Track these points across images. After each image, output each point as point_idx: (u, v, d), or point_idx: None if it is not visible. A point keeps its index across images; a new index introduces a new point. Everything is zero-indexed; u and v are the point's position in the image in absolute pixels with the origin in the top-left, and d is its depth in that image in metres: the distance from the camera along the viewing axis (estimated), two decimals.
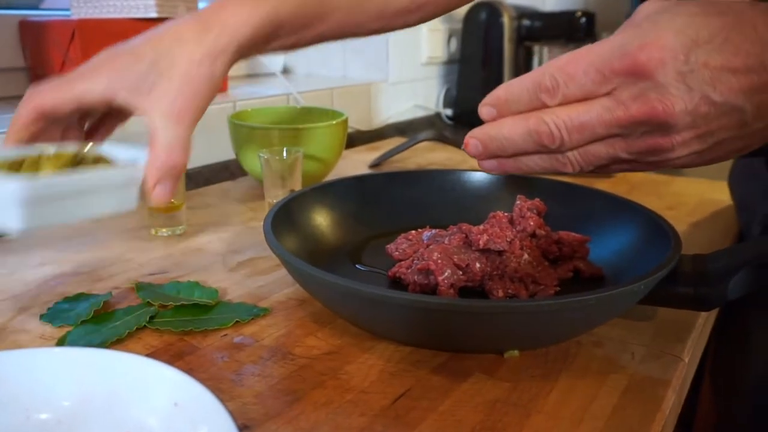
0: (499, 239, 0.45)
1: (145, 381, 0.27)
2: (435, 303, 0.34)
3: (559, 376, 0.36)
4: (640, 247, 0.48)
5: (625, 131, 0.29)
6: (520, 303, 0.34)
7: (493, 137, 0.32)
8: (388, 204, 0.59)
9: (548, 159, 0.32)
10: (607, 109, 0.29)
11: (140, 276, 0.50)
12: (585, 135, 0.30)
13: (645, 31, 0.28)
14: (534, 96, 0.30)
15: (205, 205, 0.70)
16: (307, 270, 0.38)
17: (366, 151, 1.00)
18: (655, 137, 0.29)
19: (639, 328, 0.42)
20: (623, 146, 0.30)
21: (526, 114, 0.31)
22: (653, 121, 0.28)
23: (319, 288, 0.40)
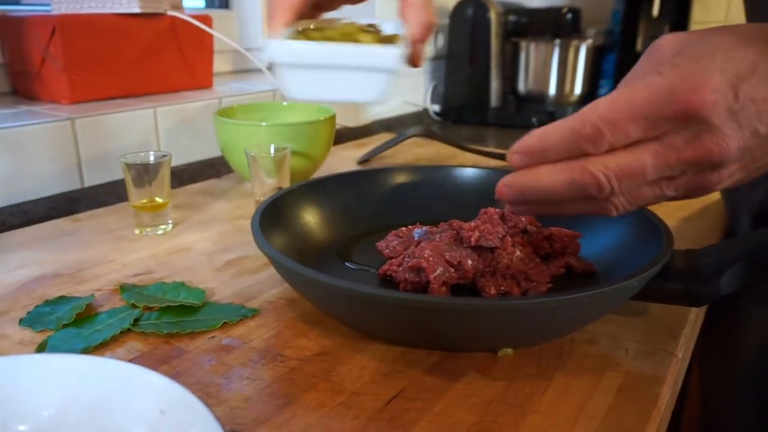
0: (491, 236, 0.44)
1: (129, 388, 0.26)
2: (429, 302, 0.33)
3: (554, 374, 0.35)
4: (631, 243, 0.48)
5: (676, 173, 0.29)
6: (515, 301, 0.33)
7: (530, 188, 0.30)
8: (378, 201, 0.58)
9: (591, 205, 0.30)
10: (658, 154, 0.28)
11: (124, 277, 0.49)
12: (636, 181, 0.28)
13: (689, 72, 0.27)
14: (574, 145, 0.28)
15: (191, 203, 0.69)
16: (296, 269, 0.37)
17: (354, 148, 0.99)
18: (704, 175, 0.29)
19: (631, 324, 0.42)
20: (671, 186, 0.29)
21: (569, 164, 0.29)
22: (706, 163, 0.28)
23: (309, 288, 0.39)
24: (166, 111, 0.82)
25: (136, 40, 0.85)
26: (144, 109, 0.79)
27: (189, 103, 0.85)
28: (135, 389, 0.26)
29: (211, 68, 0.97)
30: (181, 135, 0.84)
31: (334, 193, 0.56)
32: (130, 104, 0.80)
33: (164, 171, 0.59)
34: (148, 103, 0.81)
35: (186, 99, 0.86)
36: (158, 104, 0.81)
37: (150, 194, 0.58)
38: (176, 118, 0.83)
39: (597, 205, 0.30)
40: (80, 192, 0.73)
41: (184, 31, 0.91)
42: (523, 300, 0.33)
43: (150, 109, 0.80)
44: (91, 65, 0.80)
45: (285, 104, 0.83)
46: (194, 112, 0.85)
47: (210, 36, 0.95)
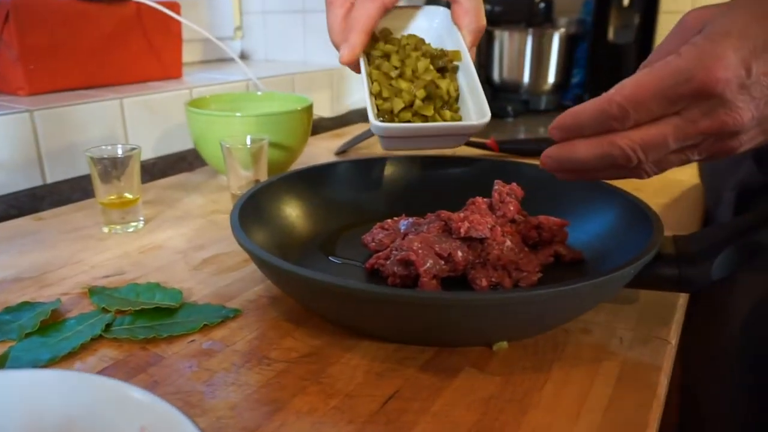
0: (480, 226, 0.43)
1: (105, 405, 0.23)
2: (424, 298, 0.32)
3: (551, 366, 0.34)
4: (618, 230, 0.47)
5: (697, 141, 0.31)
6: (515, 294, 0.32)
7: (567, 159, 0.34)
8: (360, 192, 0.56)
9: (622, 172, 0.34)
10: (678, 127, 0.31)
11: (93, 279, 0.46)
12: (660, 152, 0.31)
13: (704, 52, 0.29)
14: (603, 122, 0.31)
15: (163, 198, 0.66)
16: (279, 265, 0.35)
17: (330, 138, 0.97)
18: (724, 142, 0.31)
19: (623, 312, 0.41)
20: (694, 152, 0.32)
21: (599, 138, 0.32)
22: (723, 132, 0.30)
23: (294, 285, 0.37)
24: (134, 102, 0.78)
25: (99, 26, 0.81)
26: (109, 100, 0.75)
27: (157, 93, 0.81)
28: (111, 406, 0.23)
29: (179, 57, 0.94)
30: (150, 127, 0.81)
31: (315, 185, 0.54)
32: (94, 95, 0.76)
33: (133, 165, 0.55)
34: (113, 93, 0.77)
35: (154, 89, 0.82)
36: (124, 95, 0.77)
37: (119, 190, 0.55)
38: (144, 109, 0.79)
39: (628, 172, 0.34)
40: (43, 189, 0.69)
41: (150, 18, 0.87)
42: (523, 292, 0.32)
43: (116, 100, 0.76)
44: (50, 54, 0.76)
45: (259, 94, 0.80)
46: (163, 103, 0.82)
47: (178, 23, 0.91)
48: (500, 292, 0.32)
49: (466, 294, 0.33)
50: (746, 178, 0.58)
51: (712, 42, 0.29)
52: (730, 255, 0.37)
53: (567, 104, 1.34)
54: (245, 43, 1.31)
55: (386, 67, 0.52)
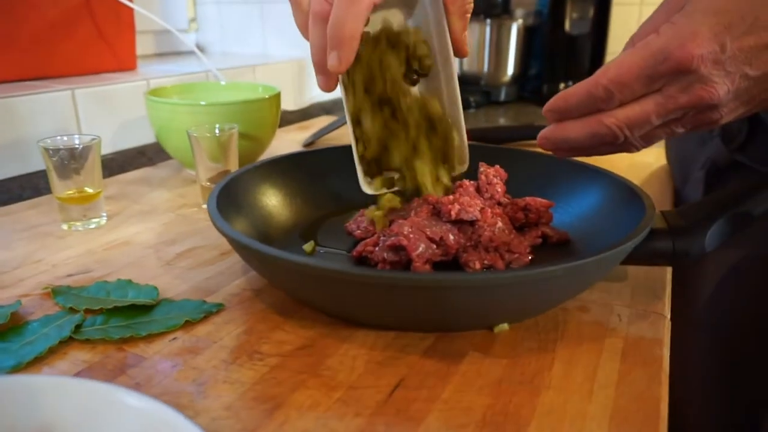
0: (471, 208, 0.42)
1: (89, 412, 0.21)
2: (430, 280, 0.30)
3: (555, 346, 0.33)
4: (603, 210, 0.47)
5: (679, 115, 0.32)
6: (523, 272, 0.31)
7: (561, 139, 0.35)
8: (339, 180, 0.54)
9: (614, 147, 0.35)
10: (659, 104, 0.32)
11: (55, 279, 0.42)
12: (644, 127, 0.33)
13: (681, 30, 0.30)
14: (590, 104, 0.33)
15: (125, 193, 0.62)
16: (270, 253, 0.33)
17: (297, 131, 0.94)
18: (705, 114, 0.32)
19: (616, 289, 0.41)
20: (678, 125, 0.33)
21: (588, 119, 0.34)
22: (701, 105, 0.32)
23: (285, 273, 0.35)
24: (86, 93, 0.73)
25: (43, 14, 0.75)
26: (60, 91, 0.70)
27: (112, 84, 0.76)
28: (97, 412, 0.21)
29: (133, 47, 0.89)
30: (106, 120, 0.76)
31: (291, 173, 0.52)
32: (42, 86, 0.71)
33: (94, 157, 0.51)
34: (64, 84, 0.72)
35: (109, 80, 0.77)
36: (76, 86, 0.72)
37: (78, 184, 0.51)
38: (99, 101, 0.75)
39: (618, 147, 0.35)
40: None
41: (100, 6, 0.82)
42: (532, 270, 0.30)
43: (67, 91, 0.71)
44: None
45: (223, 84, 0.77)
46: (119, 94, 0.77)
47: (129, 11, 0.86)
48: (508, 272, 0.31)
49: (472, 275, 0.31)
50: (714, 157, 0.59)
51: (689, 19, 0.30)
52: (721, 226, 0.38)
53: (526, 96, 1.36)
54: (200, 35, 1.26)
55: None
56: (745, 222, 0.38)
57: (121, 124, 0.78)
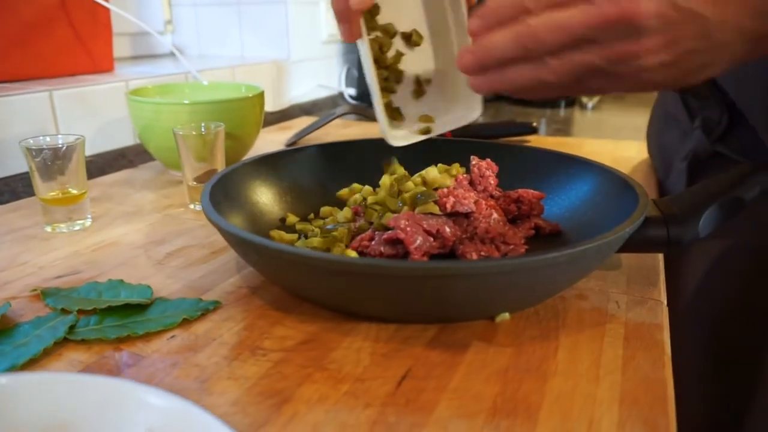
0: (466, 200, 0.42)
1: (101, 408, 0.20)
2: (434, 268, 0.30)
3: (558, 333, 0.34)
4: (593, 201, 0.48)
5: (599, 35, 0.31)
6: (526, 259, 0.31)
7: (486, 48, 0.34)
8: (326, 176, 0.54)
9: (532, 69, 0.33)
10: (582, 10, 0.31)
11: (43, 281, 0.41)
12: (563, 35, 0.31)
13: None
14: (518, 7, 0.32)
15: (110, 195, 0.60)
16: (271, 246, 0.32)
17: (278, 131, 0.94)
18: (625, 42, 0.31)
19: (612, 277, 0.41)
20: (598, 51, 0.32)
21: (513, 23, 0.33)
22: (623, 19, 0.30)
23: (285, 267, 0.34)
24: (65, 95, 0.71)
25: (17, 15, 0.73)
26: (37, 92, 0.68)
27: (91, 86, 0.74)
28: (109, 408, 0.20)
29: (110, 49, 0.87)
30: (85, 122, 0.74)
31: (281, 170, 0.51)
32: (19, 88, 0.69)
33: (78, 157, 0.50)
34: (41, 86, 0.70)
35: (87, 82, 0.75)
36: (54, 87, 0.70)
37: (62, 185, 0.50)
38: (77, 103, 0.73)
39: (537, 69, 0.33)
40: None
41: (75, 6, 0.80)
42: (537, 257, 0.30)
43: (44, 93, 0.69)
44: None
45: (205, 84, 0.76)
46: (98, 95, 0.75)
47: (106, 12, 0.85)
48: (515, 259, 0.31)
49: (474, 262, 0.31)
50: (696, 149, 0.60)
51: None
52: (714, 212, 0.38)
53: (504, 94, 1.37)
54: (176, 37, 1.24)
55: None
56: (738, 207, 0.39)
57: (101, 126, 0.76)
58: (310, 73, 1.23)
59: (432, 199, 0.41)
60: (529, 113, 1.18)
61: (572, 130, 1.05)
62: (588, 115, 1.19)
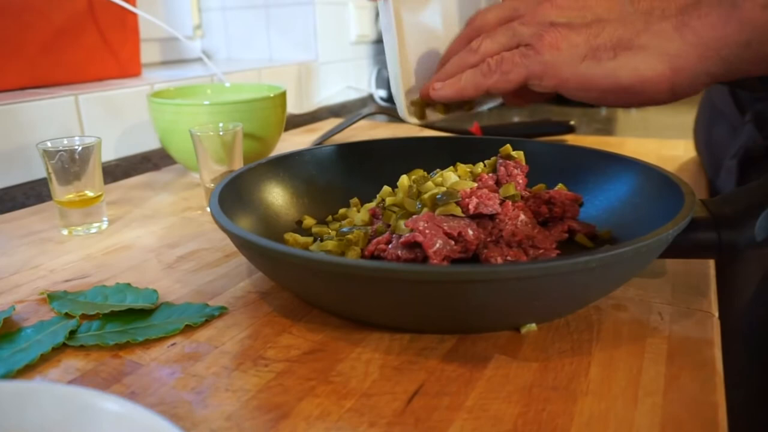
0: (490, 201, 0.39)
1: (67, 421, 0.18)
2: (452, 272, 0.27)
3: (591, 348, 0.30)
4: (635, 202, 0.44)
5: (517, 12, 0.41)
6: (554, 263, 0.27)
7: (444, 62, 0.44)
8: (347, 177, 0.52)
9: (476, 71, 0.41)
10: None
11: (52, 284, 0.40)
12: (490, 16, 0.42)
13: None
14: None
15: (129, 198, 0.60)
16: (277, 249, 0.30)
17: (304, 134, 0.92)
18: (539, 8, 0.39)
19: (655, 285, 0.37)
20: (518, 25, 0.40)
21: None
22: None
23: (294, 272, 0.32)
24: (90, 99, 0.71)
25: (48, 21, 0.74)
26: (63, 97, 0.69)
27: (116, 90, 0.75)
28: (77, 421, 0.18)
29: (137, 53, 0.87)
30: (110, 127, 0.74)
31: (300, 169, 0.50)
32: (45, 93, 0.69)
33: (94, 159, 0.49)
34: (67, 91, 0.71)
35: (112, 86, 0.76)
36: (80, 91, 0.71)
37: (78, 188, 0.49)
38: (102, 107, 0.73)
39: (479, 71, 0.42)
40: None
41: (104, 12, 0.80)
42: (567, 260, 0.27)
43: (70, 97, 0.69)
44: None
45: (228, 85, 0.75)
46: (123, 100, 0.75)
47: (134, 17, 0.85)
48: (542, 262, 0.28)
49: (497, 266, 0.28)
50: (748, 145, 0.56)
51: None
52: None
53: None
54: (206, 42, 1.25)
55: None
56: None
57: (126, 130, 0.76)
58: (338, 74, 1.22)
59: (454, 200, 0.39)
60: (567, 113, 1.13)
61: (614, 129, 1.00)
62: (632, 114, 1.13)
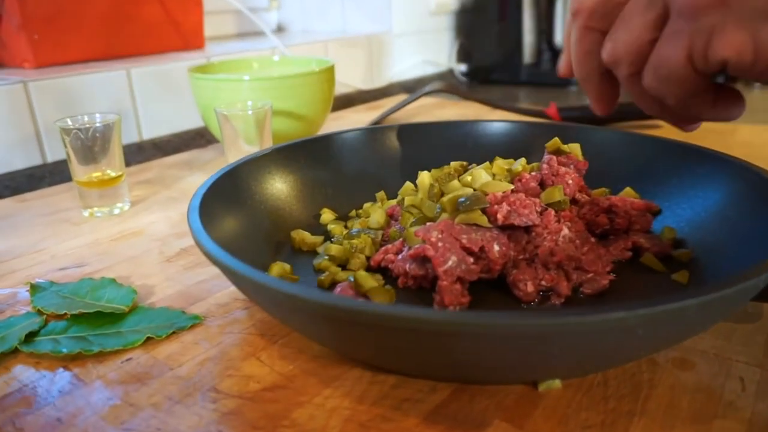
0: (526, 209, 0.31)
1: None
2: (431, 321, 0.20)
3: (630, 425, 0.22)
4: (729, 214, 0.34)
5: None
6: (569, 319, 0.19)
7: None
8: (381, 165, 0.46)
9: None
10: None
11: (48, 272, 0.38)
12: None
13: None
14: None
15: (163, 177, 0.58)
16: (243, 273, 0.24)
17: (365, 111, 0.86)
18: None
19: (740, 334, 0.28)
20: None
21: None
22: None
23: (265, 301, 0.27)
24: (143, 73, 0.70)
25: None
26: (115, 71, 0.68)
27: (169, 63, 0.73)
28: None
29: (201, 25, 0.85)
30: (164, 101, 0.73)
31: (325, 155, 0.44)
32: (99, 67, 0.69)
33: (115, 137, 0.47)
34: (126, 64, 0.70)
35: (167, 60, 0.74)
36: (132, 65, 0.70)
37: (98, 167, 0.47)
38: (155, 81, 0.72)
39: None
40: (43, 168, 0.63)
41: None
42: (586, 316, 0.19)
43: (122, 71, 0.68)
44: (56, 22, 0.69)
45: (276, 59, 0.70)
46: (176, 74, 0.74)
47: None
48: (551, 316, 0.20)
49: (493, 317, 0.20)
50: None
51: None
52: None
53: None
54: (282, 14, 1.21)
55: None
56: None
57: (180, 105, 0.75)
58: (414, 47, 1.14)
59: (479, 206, 0.31)
60: None
61: None
62: (754, 95, 0.95)
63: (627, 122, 0.71)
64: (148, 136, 0.72)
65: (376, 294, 0.29)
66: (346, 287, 0.30)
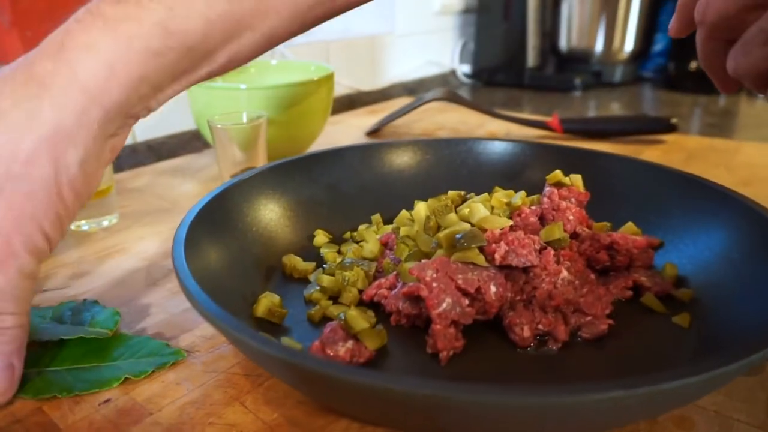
0: (524, 249, 0.30)
1: None
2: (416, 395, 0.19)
3: None
4: (730, 254, 0.33)
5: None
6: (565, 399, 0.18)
7: None
8: (380, 183, 0.44)
9: None
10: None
11: None
12: None
13: None
14: None
15: (153, 186, 0.56)
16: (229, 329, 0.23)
17: (365, 115, 0.85)
18: None
19: (742, 389, 0.27)
20: None
21: None
22: None
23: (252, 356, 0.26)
24: None
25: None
26: None
27: None
28: None
29: None
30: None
31: (320, 172, 0.43)
32: None
33: None
34: None
35: None
36: None
37: None
38: None
39: None
40: None
41: None
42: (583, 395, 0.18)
43: None
44: (48, 18, 0.67)
45: (274, 63, 0.69)
46: None
47: None
48: (545, 392, 0.18)
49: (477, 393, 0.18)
50: None
51: None
52: None
53: (646, 75, 1.15)
54: None
55: None
56: None
57: (175, 105, 0.73)
58: (417, 47, 1.12)
59: (476, 244, 0.30)
60: (677, 101, 0.96)
61: (732, 125, 0.82)
62: (757, 106, 0.93)
63: (630, 136, 0.70)
64: (143, 138, 0.70)
65: (367, 337, 0.28)
66: (336, 327, 0.29)
